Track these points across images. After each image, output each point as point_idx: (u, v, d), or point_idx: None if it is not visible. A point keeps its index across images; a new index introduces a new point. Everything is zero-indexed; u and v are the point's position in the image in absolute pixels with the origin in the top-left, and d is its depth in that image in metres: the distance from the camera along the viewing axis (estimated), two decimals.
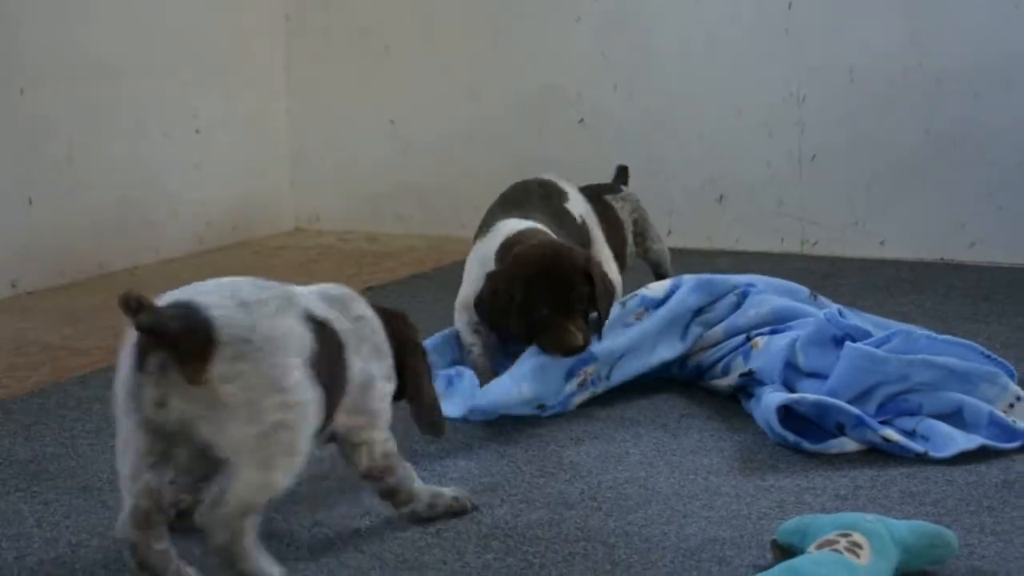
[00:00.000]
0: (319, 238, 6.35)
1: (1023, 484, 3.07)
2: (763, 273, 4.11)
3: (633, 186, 5.59)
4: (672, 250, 4.63)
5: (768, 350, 3.59)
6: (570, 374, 3.60)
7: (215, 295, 2.53)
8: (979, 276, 5.08)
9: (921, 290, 4.89)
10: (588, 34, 5.85)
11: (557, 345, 3.54)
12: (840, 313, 3.59)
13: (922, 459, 3.21)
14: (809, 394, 3.36)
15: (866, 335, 3.50)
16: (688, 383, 3.82)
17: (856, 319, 3.78)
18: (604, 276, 3.70)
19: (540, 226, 3.82)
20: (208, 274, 2.69)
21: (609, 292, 3.70)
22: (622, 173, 4.75)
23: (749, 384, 3.61)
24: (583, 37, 5.86)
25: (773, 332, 3.67)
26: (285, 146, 6.53)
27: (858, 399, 3.34)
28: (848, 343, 3.41)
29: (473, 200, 5.15)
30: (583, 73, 5.88)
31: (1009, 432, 3.28)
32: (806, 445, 3.28)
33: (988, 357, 3.49)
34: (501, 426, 3.52)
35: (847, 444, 3.30)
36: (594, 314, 3.64)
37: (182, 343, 2.42)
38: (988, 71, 5.21)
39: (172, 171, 5.95)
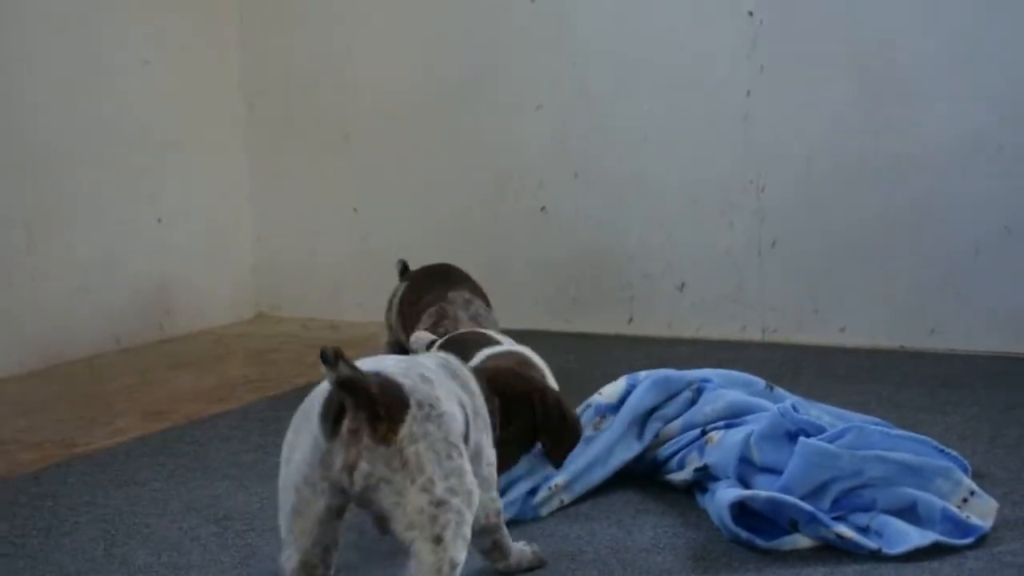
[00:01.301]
0: (280, 326, 6.32)
1: None
2: (723, 361, 4.12)
3: (593, 273, 5.62)
4: (632, 338, 4.63)
5: (723, 445, 3.58)
6: (534, 491, 3.58)
7: (393, 366, 2.66)
8: (937, 364, 5.07)
9: (878, 378, 4.88)
10: (548, 122, 5.86)
11: None
12: (794, 407, 3.58)
13: (876, 556, 3.19)
14: (762, 491, 3.34)
15: (820, 430, 3.48)
16: (644, 476, 3.79)
17: (813, 410, 3.78)
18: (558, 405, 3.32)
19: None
20: (171, 363, 2.71)
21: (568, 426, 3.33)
22: (404, 268, 4.94)
23: (703, 479, 3.59)
24: (543, 125, 5.87)
25: (728, 426, 3.66)
26: (246, 234, 6.52)
27: (812, 495, 3.32)
28: (802, 439, 3.39)
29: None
30: (544, 161, 5.89)
31: (963, 528, 3.27)
32: (759, 542, 3.26)
33: (942, 452, 3.49)
34: None
35: (800, 541, 3.28)
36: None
37: (379, 401, 2.53)
38: (944, 155, 5.22)
39: (132, 260, 5.93)
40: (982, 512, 3.35)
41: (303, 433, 2.67)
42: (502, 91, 5.96)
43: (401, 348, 4.92)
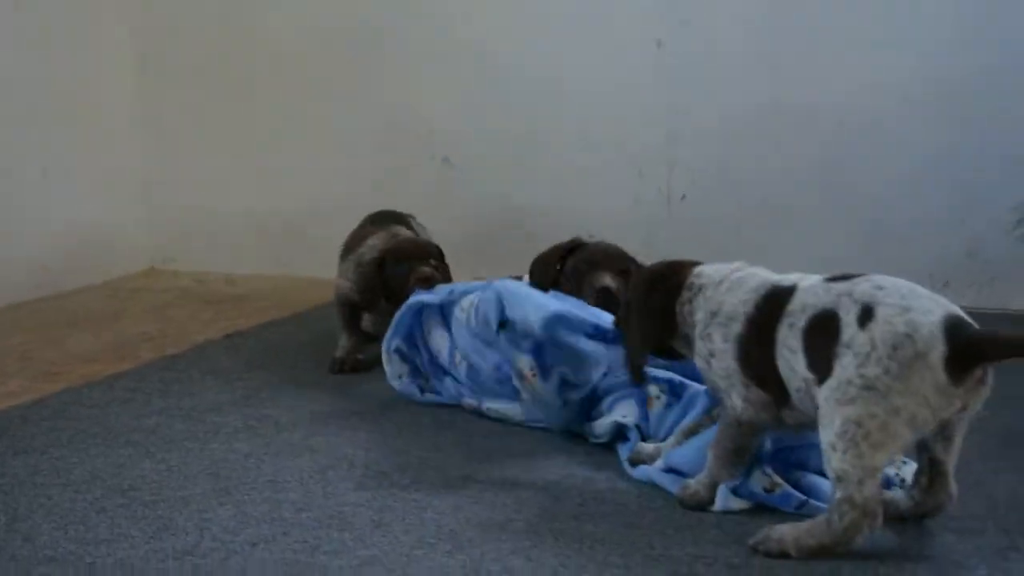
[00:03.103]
0: (175, 280, 6.13)
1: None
2: None
3: (498, 225, 5.53)
4: None
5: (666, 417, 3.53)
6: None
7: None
8: None
9: None
10: (451, 71, 5.72)
11: None
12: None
13: (805, 516, 3.11)
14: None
15: None
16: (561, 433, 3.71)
17: None
18: None
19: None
20: (64, 320, 2.55)
21: None
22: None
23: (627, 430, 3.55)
24: (446, 74, 5.73)
25: (672, 392, 3.59)
26: (138, 185, 6.30)
27: None
28: None
29: (334, 241, 4.99)
30: (448, 112, 5.75)
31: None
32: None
33: None
34: (376, 490, 3.37)
35: (732, 502, 3.20)
36: None
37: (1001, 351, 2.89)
38: (856, 110, 5.18)
39: (18, 213, 5.70)
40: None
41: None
42: (403, 41, 5.80)
43: (353, 309, 4.76)
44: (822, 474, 3.22)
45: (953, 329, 2.84)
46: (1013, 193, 4.73)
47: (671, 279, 3.27)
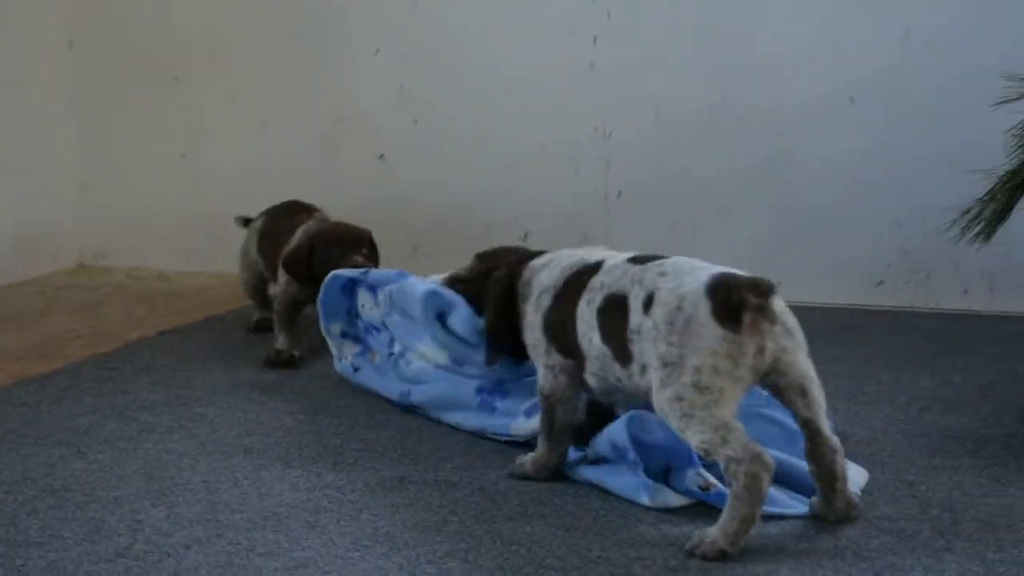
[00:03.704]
0: (106, 276, 6.05)
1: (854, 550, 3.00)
2: None
3: (436, 221, 5.52)
4: None
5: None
6: None
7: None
8: None
9: None
10: (387, 67, 5.68)
11: None
12: None
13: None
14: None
15: None
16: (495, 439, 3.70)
17: None
18: None
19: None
20: None
21: None
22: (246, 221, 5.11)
23: None
24: (382, 69, 5.69)
25: None
26: (68, 179, 6.22)
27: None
28: None
29: None
30: (383, 107, 5.71)
31: None
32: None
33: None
34: (311, 491, 3.35)
35: (671, 499, 3.21)
36: None
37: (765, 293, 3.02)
38: (793, 110, 5.18)
39: None
40: (853, 480, 3.29)
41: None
42: (339, 34, 5.75)
43: (257, 290, 4.92)
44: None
45: (714, 286, 3.04)
46: (947, 194, 4.74)
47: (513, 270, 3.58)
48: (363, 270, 4.27)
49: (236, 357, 4.65)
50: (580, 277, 3.33)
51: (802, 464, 3.18)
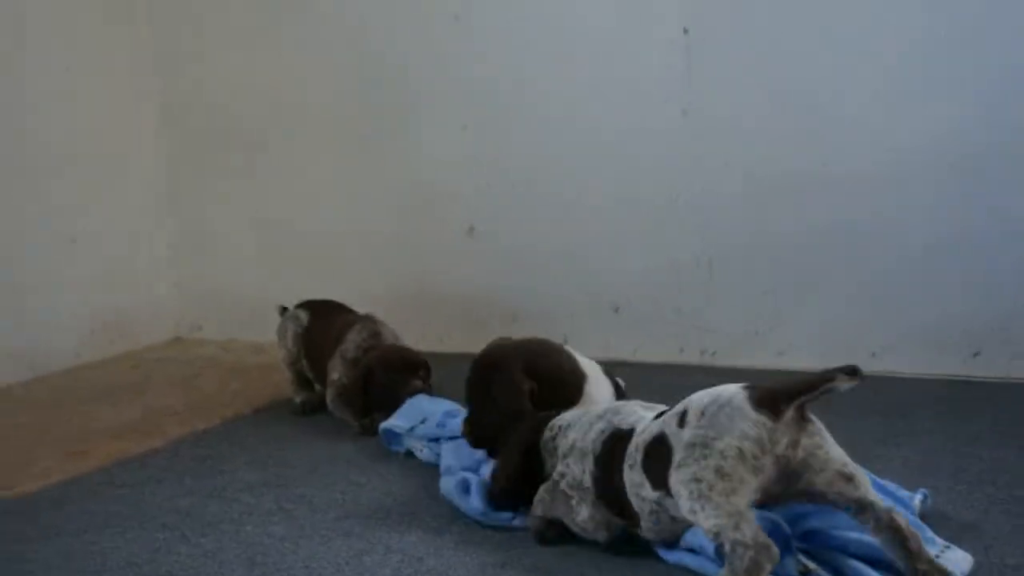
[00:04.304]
0: (200, 348, 6.12)
1: None
2: (664, 386, 4.01)
3: (525, 294, 5.53)
4: None
5: None
6: None
7: None
8: (883, 389, 4.97)
9: (825, 406, 4.76)
10: (475, 141, 5.71)
11: None
12: None
13: None
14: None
15: None
16: None
17: None
18: None
19: None
20: (89, 393, 2.54)
21: None
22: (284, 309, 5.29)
23: None
24: (471, 144, 5.73)
25: None
26: (163, 254, 6.31)
27: (788, 523, 3.25)
28: None
29: (361, 308, 5.03)
30: (471, 180, 5.74)
31: None
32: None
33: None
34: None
35: None
36: None
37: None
38: (884, 171, 5.13)
39: (46, 284, 5.70)
40: (957, 562, 3.26)
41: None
42: (427, 110, 5.81)
43: (304, 378, 5.06)
44: (861, 559, 3.20)
45: (755, 385, 3.12)
46: None
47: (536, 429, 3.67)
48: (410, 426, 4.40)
49: (330, 433, 4.68)
50: (616, 444, 3.37)
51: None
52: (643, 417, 3.38)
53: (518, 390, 3.79)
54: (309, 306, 5.17)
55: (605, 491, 3.38)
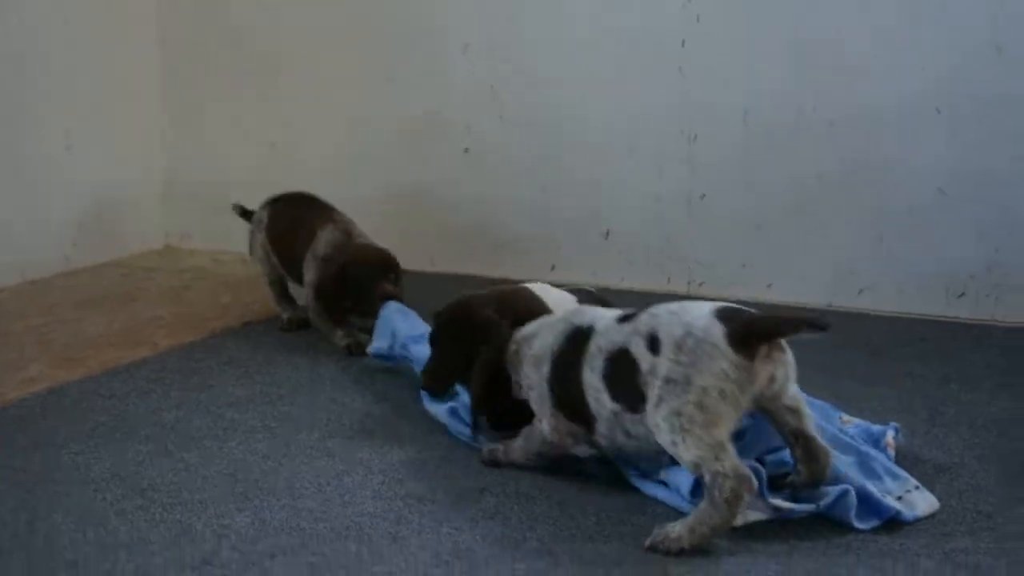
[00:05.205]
0: (191, 258, 6.14)
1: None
2: None
3: (516, 218, 5.54)
4: (556, 285, 4.41)
5: None
6: None
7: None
8: (866, 326, 5.01)
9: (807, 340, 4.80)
10: (476, 65, 5.71)
11: None
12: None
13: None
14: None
15: None
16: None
17: None
18: None
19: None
20: (80, 300, 2.58)
21: None
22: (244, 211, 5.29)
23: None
24: (470, 67, 5.72)
25: None
26: (158, 163, 6.31)
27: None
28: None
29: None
30: (470, 102, 5.74)
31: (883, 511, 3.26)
32: None
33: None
34: (392, 499, 3.39)
35: (750, 515, 3.23)
36: None
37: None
38: (880, 115, 5.15)
39: (36, 189, 5.71)
40: (918, 505, 3.31)
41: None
42: (429, 31, 5.79)
43: (287, 293, 5.06)
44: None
45: (725, 314, 3.17)
46: None
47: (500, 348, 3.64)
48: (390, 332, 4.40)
49: (318, 351, 4.71)
50: (576, 344, 3.39)
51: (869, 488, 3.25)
52: (602, 315, 3.42)
53: (496, 324, 3.76)
54: (272, 204, 5.13)
55: (562, 393, 3.41)
